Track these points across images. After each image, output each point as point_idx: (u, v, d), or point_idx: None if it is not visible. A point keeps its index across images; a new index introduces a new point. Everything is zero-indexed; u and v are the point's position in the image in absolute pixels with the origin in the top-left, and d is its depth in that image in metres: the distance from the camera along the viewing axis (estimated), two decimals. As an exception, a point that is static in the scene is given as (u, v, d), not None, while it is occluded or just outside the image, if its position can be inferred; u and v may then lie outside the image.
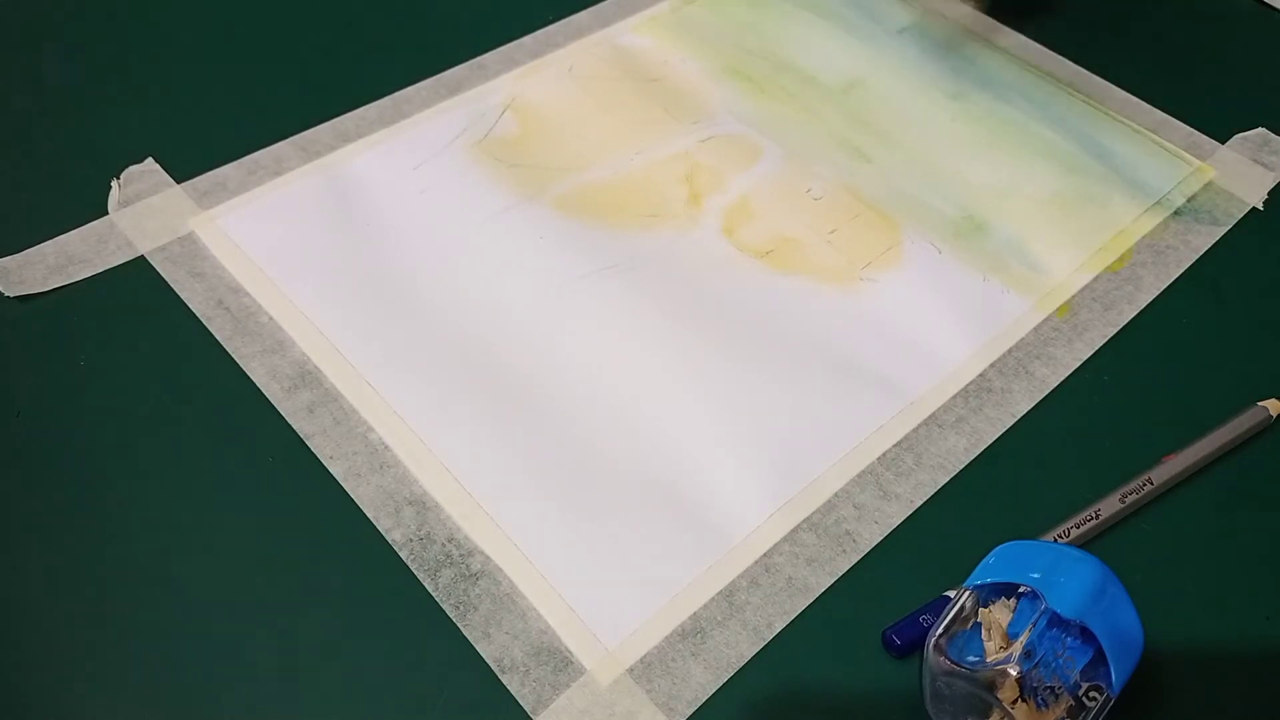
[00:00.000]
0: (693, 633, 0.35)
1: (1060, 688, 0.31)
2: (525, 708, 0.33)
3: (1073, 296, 0.46)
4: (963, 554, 0.36)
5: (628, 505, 0.38)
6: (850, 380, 0.42)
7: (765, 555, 0.37)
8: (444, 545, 0.37)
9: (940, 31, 0.58)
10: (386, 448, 0.39)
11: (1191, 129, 0.54)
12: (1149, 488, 0.39)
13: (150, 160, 0.48)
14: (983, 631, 0.32)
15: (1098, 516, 0.38)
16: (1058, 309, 0.45)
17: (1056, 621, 0.31)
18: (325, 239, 0.45)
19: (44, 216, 0.46)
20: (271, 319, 0.42)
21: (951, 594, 0.35)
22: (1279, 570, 0.38)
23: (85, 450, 0.39)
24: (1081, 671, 0.31)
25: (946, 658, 0.31)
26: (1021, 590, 0.32)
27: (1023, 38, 0.59)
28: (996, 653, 0.31)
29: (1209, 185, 0.51)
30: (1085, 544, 0.38)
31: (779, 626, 0.35)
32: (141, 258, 0.44)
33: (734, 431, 0.40)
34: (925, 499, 0.39)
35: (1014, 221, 0.49)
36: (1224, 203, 0.51)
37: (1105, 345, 0.44)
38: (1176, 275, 0.47)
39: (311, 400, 0.40)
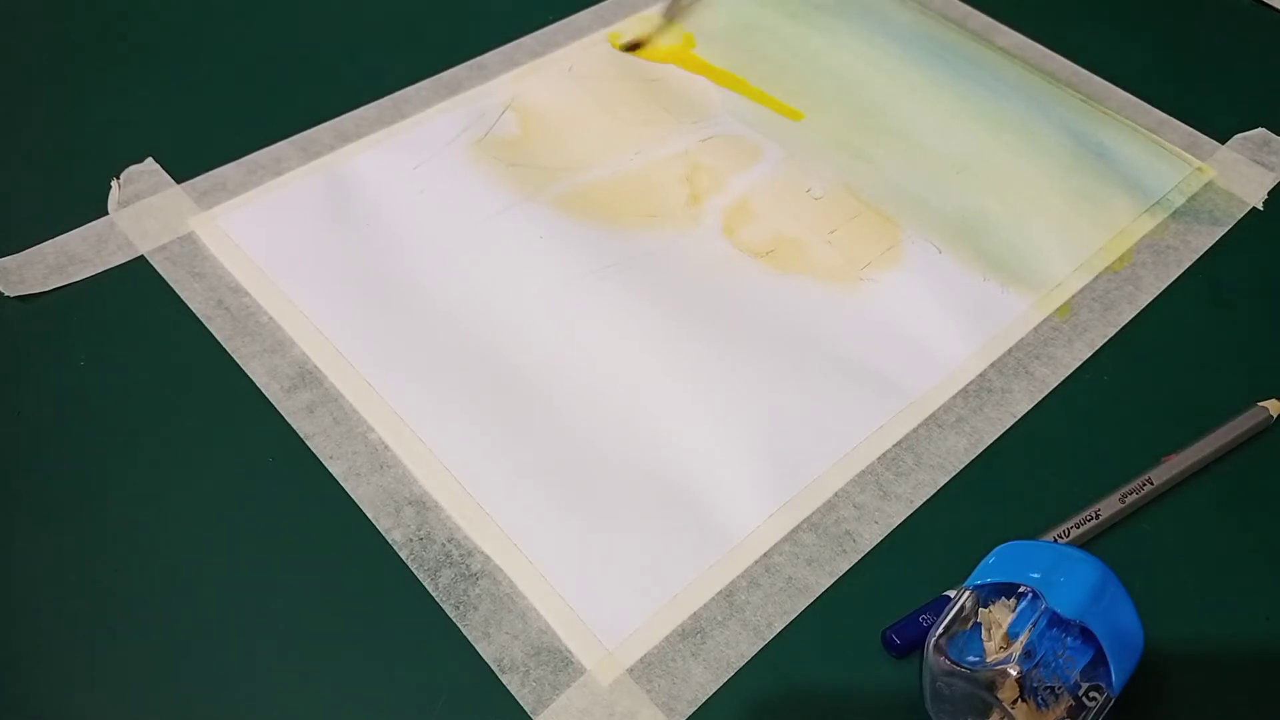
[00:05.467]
0: (693, 633, 0.35)
1: (1060, 688, 0.31)
2: (525, 708, 0.33)
3: (1073, 296, 0.46)
4: (963, 554, 0.36)
5: (628, 505, 0.38)
6: (850, 380, 0.42)
7: (765, 555, 0.37)
8: (444, 545, 0.37)
9: (940, 31, 0.58)
10: (386, 448, 0.39)
11: (1191, 129, 0.54)
12: (1149, 488, 0.39)
13: (150, 160, 0.48)
14: (983, 631, 0.32)
15: (1098, 516, 0.38)
16: (1058, 309, 0.45)
17: (1056, 621, 0.31)
18: (325, 239, 0.45)
19: (44, 216, 0.46)
20: (271, 319, 0.42)
21: (951, 594, 0.35)
22: (1279, 570, 0.38)
23: (85, 450, 0.39)
24: (1081, 671, 0.31)
25: (946, 658, 0.31)
26: (1021, 590, 0.32)
27: (1023, 38, 0.59)
28: (996, 653, 0.31)
29: (1209, 185, 0.51)
30: (1085, 544, 0.38)
31: (779, 626, 0.35)
32: (141, 258, 0.44)
33: (734, 431, 0.40)
34: (925, 499, 0.39)
35: (1014, 221, 0.49)
36: (1224, 203, 0.51)
37: (1105, 345, 0.44)
38: (1176, 275, 0.47)
39: (311, 400, 0.40)
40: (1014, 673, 0.30)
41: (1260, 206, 0.51)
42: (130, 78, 0.52)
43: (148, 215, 0.46)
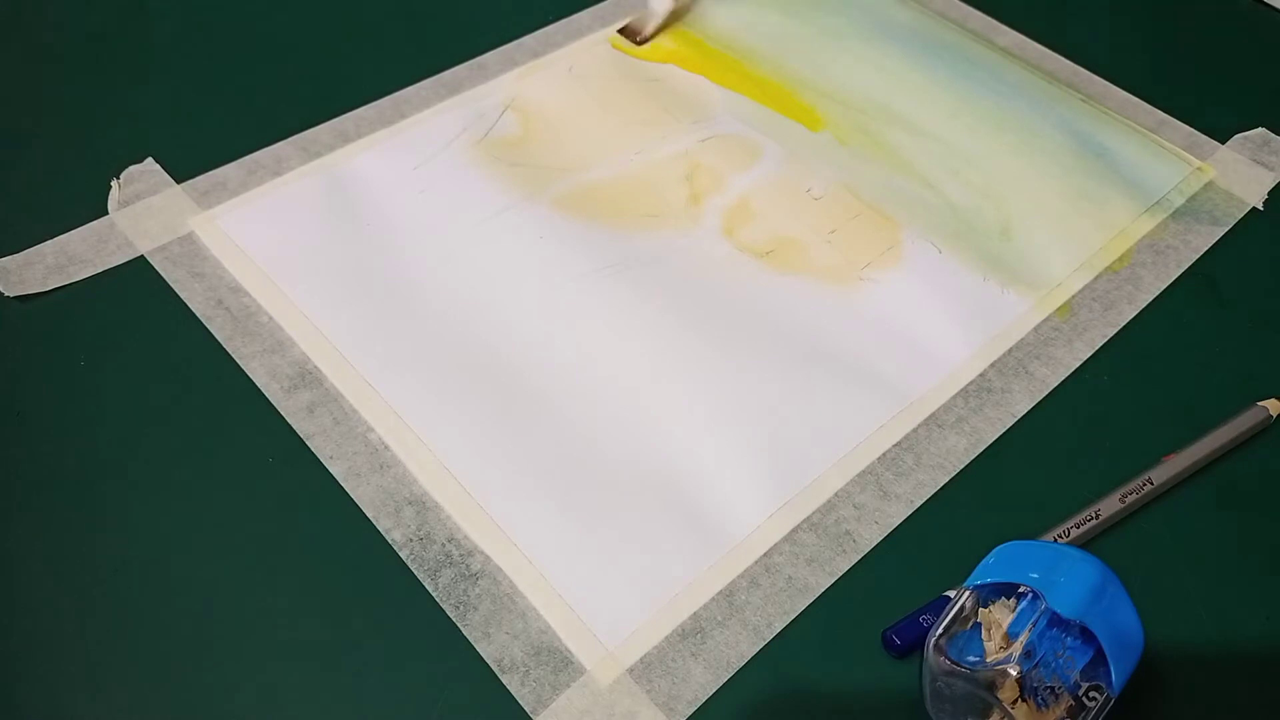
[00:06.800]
0: (693, 633, 0.35)
1: (1060, 688, 0.31)
2: (525, 708, 0.33)
3: (1073, 296, 0.46)
4: (963, 554, 0.36)
5: (628, 505, 0.38)
6: (850, 380, 0.42)
7: (765, 555, 0.37)
8: (444, 545, 0.37)
9: (940, 31, 0.58)
10: (386, 448, 0.39)
11: (1191, 129, 0.54)
12: (1149, 488, 0.39)
13: (150, 160, 0.48)
14: (983, 631, 0.32)
15: (1098, 516, 0.38)
16: (1058, 309, 0.45)
17: (1056, 621, 0.31)
18: (325, 239, 0.45)
19: (44, 216, 0.46)
20: (271, 319, 0.42)
21: (951, 594, 0.35)
22: (1279, 570, 0.38)
23: (85, 450, 0.39)
24: (1081, 671, 0.31)
25: (946, 658, 0.31)
26: (1021, 590, 0.32)
27: (1022, 37, 0.59)
28: (996, 653, 0.31)
29: (1209, 185, 0.51)
30: (1085, 544, 0.38)
31: (779, 626, 0.35)
32: (141, 258, 0.44)
33: (734, 431, 0.40)
34: (925, 499, 0.39)
35: (1014, 221, 0.49)
36: (1224, 203, 0.51)
37: (1105, 345, 0.44)
38: (1176, 275, 0.47)
39: (311, 400, 0.40)
40: (1014, 673, 0.30)
41: (1260, 206, 0.51)
42: (130, 78, 0.52)
43: (148, 215, 0.46)
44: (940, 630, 0.32)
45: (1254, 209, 0.51)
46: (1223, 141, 0.54)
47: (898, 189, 0.50)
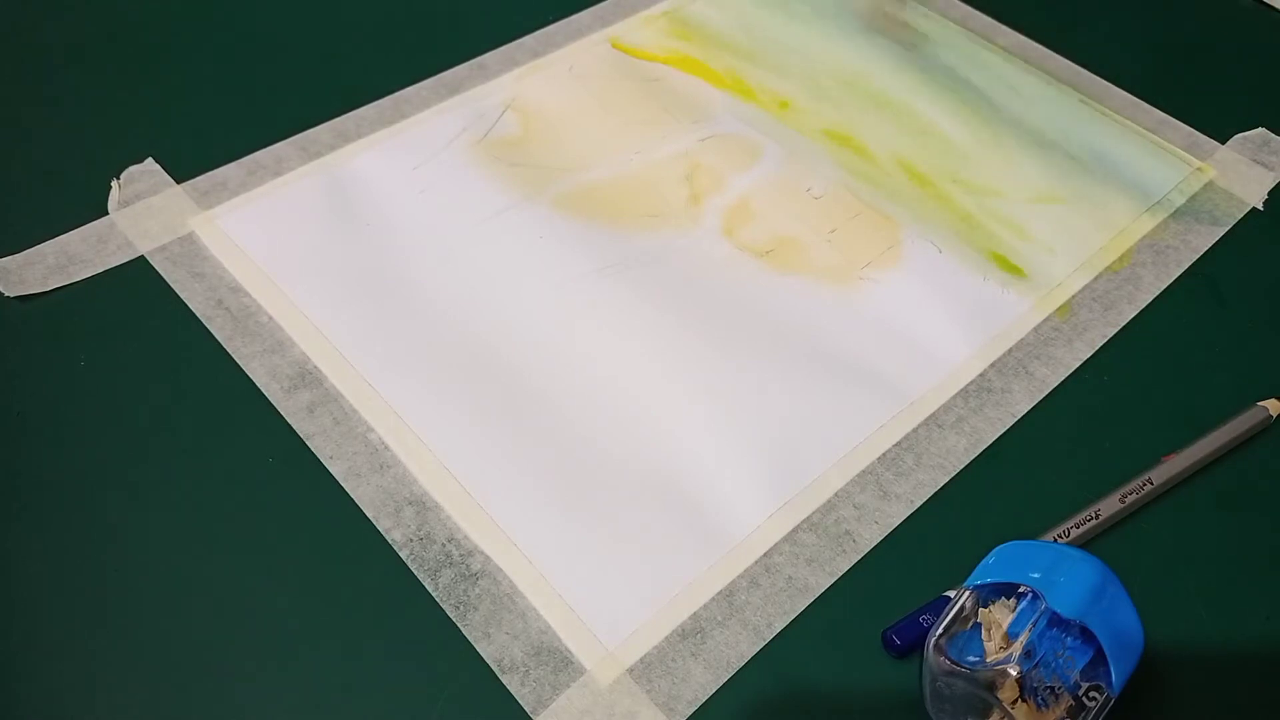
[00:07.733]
0: (693, 633, 0.35)
1: (1060, 688, 0.31)
2: (525, 708, 0.33)
3: (1073, 296, 0.46)
4: (963, 554, 0.36)
5: (628, 505, 0.38)
6: (850, 380, 0.42)
7: (765, 555, 0.37)
8: (444, 545, 0.37)
9: (940, 31, 0.58)
10: (386, 448, 0.39)
11: (1191, 129, 0.54)
12: (1149, 488, 0.39)
13: (150, 160, 0.48)
14: (983, 631, 0.32)
15: (1098, 516, 0.38)
16: (1058, 309, 0.45)
17: (1056, 621, 0.31)
18: (325, 239, 0.45)
19: (44, 216, 0.46)
20: (271, 319, 0.42)
21: (951, 594, 0.35)
22: (1279, 570, 0.38)
23: (85, 450, 0.38)
24: (1081, 671, 0.31)
25: (946, 658, 0.31)
26: (1021, 590, 0.32)
27: (1022, 37, 0.59)
28: (996, 653, 0.31)
29: (1209, 185, 0.51)
30: (1085, 544, 0.38)
31: (779, 626, 0.35)
32: (141, 258, 0.44)
33: (734, 431, 0.40)
34: (925, 499, 0.39)
35: (1014, 221, 0.49)
36: (1224, 203, 0.51)
37: (1105, 345, 0.44)
38: (1176, 275, 0.47)
39: (311, 400, 0.40)
40: (1014, 673, 0.30)
41: (1260, 206, 0.51)
42: (130, 78, 0.52)
43: (148, 215, 0.46)
44: (940, 630, 0.32)
45: (1254, 209, 0.51)
46: (1223, 141, 0.54)
47: (898, 188, 0.50)
